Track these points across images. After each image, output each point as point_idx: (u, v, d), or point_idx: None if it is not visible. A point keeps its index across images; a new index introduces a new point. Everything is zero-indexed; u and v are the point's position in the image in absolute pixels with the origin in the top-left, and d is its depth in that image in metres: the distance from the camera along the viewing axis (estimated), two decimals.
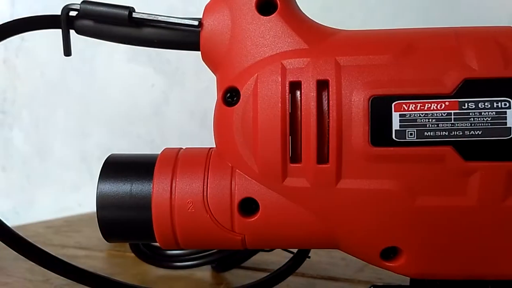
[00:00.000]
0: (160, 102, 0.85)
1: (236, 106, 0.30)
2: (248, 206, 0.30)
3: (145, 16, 0.32)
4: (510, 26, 0.30)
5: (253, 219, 0.30)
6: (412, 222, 0.29)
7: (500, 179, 0.27)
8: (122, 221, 0.31)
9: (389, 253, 0.30)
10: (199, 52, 0.32)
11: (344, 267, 0.47)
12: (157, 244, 0.32)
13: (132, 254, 0.46)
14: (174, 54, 0.81)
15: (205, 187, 0.30)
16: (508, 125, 0.27)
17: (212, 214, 0.30)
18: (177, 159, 0.32)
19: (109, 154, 0.33)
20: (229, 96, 0.30)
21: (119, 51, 0.86)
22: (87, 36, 0.35)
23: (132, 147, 0.86)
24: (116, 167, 0.32)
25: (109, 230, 0.32)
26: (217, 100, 0.31)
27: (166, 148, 0.33)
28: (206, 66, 0.33)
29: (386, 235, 0.29)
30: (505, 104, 0.27)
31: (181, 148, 0.33)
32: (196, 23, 0.32)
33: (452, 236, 0.29)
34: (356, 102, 0.28)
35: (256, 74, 0.29)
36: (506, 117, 0.27)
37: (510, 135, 0.27)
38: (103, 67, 0.89)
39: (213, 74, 0.33)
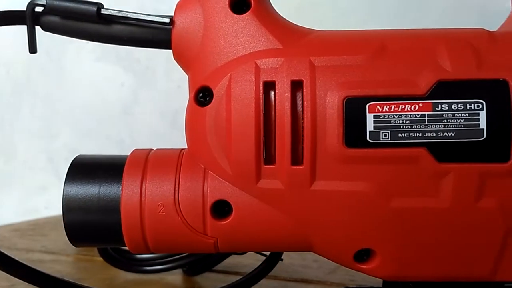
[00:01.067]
0: (130, 102, 0.84)
1: (208, 106, 0.29)
2: (221, 209, 0.29)
3: (114, 13, 0.32)
4: (482, 28, 0.30)
5: (226, 222, 0.29)
6: (386, 224, 0.29)
7: (473, 181, 0.27)
8: (89, 225, 0.30)
9: (363, 255, 0.30)
10: (170, 51, 0.32)
11: (317, 269, 0.47)
12: (126, 248, 0.31)
13: (100, 258, 0.45)
14: (144, 53, 0.80)
15: (176, 189, 0.29)
16: (481, 127, 0.27)
17: (184, 217, 0.29)
18: (147, 161, 0.31)
19: (77, 155, 0.32)
20: (202, 96, 0.30)
21: (87, 49, 0.84)
22: (54, 32, 0.33)
23: (100, 148, 0.84)
24: (83, 169, 0.31)
25: (76, 234, 0.31)
26: (189, 99, 0.30)
27: (135, 149, 0.32)
28: (177, 66, 0.32)
29: (360, 237, 0.29)
30: (478, 106, 0.27)
31: (152, 149, 0.32)
32: (167, 20, 0.31)
33: (425, 237, 0.29)
34: (331, 103, 0.27)
35: (229, 74, 0.29)
36: (479, 118, 0.27)
37: (483, 136, 0.27)
38: (71, 65, 0.87)
39: (185, 74, 0.32)
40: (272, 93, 0.28)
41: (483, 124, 0.27)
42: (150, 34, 0.32)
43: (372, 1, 0.69)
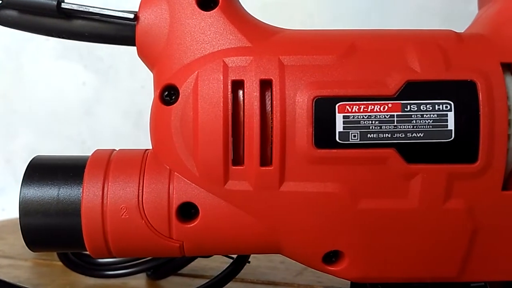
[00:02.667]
0: (92, 101, 0.82)
1: (174, 105, 0.28)
2: (187, 211, 0.29)
3: (75, 7, 0.30)
4: (450, 30, 0.30)
5: (192, 224, 0.29)
6: (355, 225, 0.28)
7: (441, 182, 0.28)
8: (48, 228, 0.29)
9: (331, 257, 0.29)
10: (135, 48, 0.31)
11: (284, 271, 0.47)
12: (87, 252, 0.30)
13: (60, 263, 0.44)
14: (107, 51, 0.79)
15: (140, 191, 0.28)
16: (449, 128, 0.27)
17: (148, 220, 0.28)
18: (109, 162, 0.30)
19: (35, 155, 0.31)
20: (167, 95, 0.29)
21: (48, 46, 0.81)
22: (12, 27, 0.32)
23: (61, 148, 0.81)
24: (41, 170, 0.30)
25: (34, 238, 0.29)
26: (154, 98, 0.30)
27: (97, 150, 0.31)
28: (142, 65, 0.31)
29: (329, 239, 0.29)
30: (446, 107, 0.27)
31: (114, 150, 0.31)
32: (131, 16, 0.30)
33: (393, 238, 0.29)
34: (300, 103, 0.27)
35: (196, 72, 0.28)
36: (447, 119, 0.27)
37: (451, 137, 0.27)
38: (30, 63, 0.84)
39: (150, 73, 0.31)
40: (241, 92, 0.28)
41: (451, 125, 0.27)
42: (113, 30, 0.31)
43: (337, 3, 0.69)
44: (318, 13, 0.70)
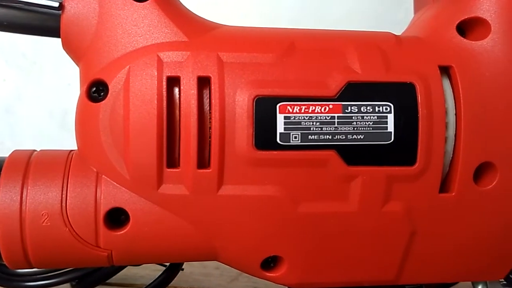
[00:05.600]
0: (12, 100, 0.77)
1: (103, 102, 0.27)
2: (116, 218, 0.27)
3: None
4: (389, 32, 0.30)
5: (122, 232, 0.27)
6: (294, 230, 0.28)
7: (380, 184, 0.28)
8: None
9: (270, 263, 0.29)
10: (60, 40, 0.29)
11: (218, 277, 0.46)
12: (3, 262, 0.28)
13: None
14: (30, 47, 0.75)
15: (64, 196, 0.27)
16: (388, 130, 0.27)
17: (73, 228, 0.27)
18: (29, 164, 0.28)
19: None
20: (95, 91, 0.27)
21: None
22: None
23: None
24: None
25: None
26: (80, 95, 0.28)
27: (15, 151, 0.29)
28: (69, 60, 0.30)
29: (268, 244, 0.28)
30: (386, 109, 0.27)
31: (35, 151, 0.29)
32: (56, 4, 0.28)
33: (333, 243, 0.28)
34: (240, 102, 0.26)
35: (127, 66, 0.27)
36: (387, 121, 0.27)
37: (391, 139, 0.27)
38: None
39: (78, 68, 0.29)
40: (176, 89, 0.27)
41: (391, 127, 0.27)
42: (36, 20, 0.29)
43: (270, 4, 0.69)
44: (256, 13, 0.70)
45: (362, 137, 0.27)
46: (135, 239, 0.27)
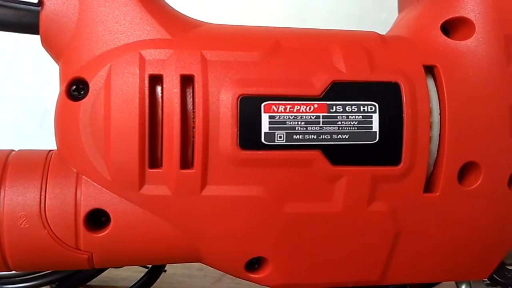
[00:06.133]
0: None
1: (83, 100, 0.26)
2: (97, 219, 0.27)
3: None
4: (374, 32, 0.30)
5: (102, 234, 0.27)
6: (279, 230, 0.28)
7: (365, 184, 0.27)
8: None
9: (254, 264, 0.29)
10: (39, 37, 0.28)
11: (202, 278, 0.46)
12: None
13: None
14: (9, 44, 0.73)
15: (42, 197, 0.26)
16: (373, 130, 0.27)
17: (52, 230, 0.26)
18: (6, 164, 0.27)
19: None
20: (75, 89, 0.27)
21: None
22: None
23: None
24: None
25: None
26: (59, 93, 0.27)
27: None
28: (49, 59, 0.29)
29: (252, 245, 0.28)
30: (371, 108, 0.27)
31: (13, 150, 0.29)
32: (35, 0, 0.28)
33: (317, 243, 0.28)
34: (224, 101, 0.26)
35: (109, 64, 0.26)
36: (372, 121, 0.27)
37: (376, 139, 0.27)
38: None
39: (57, 67, 0.29)
40: (159, 88, 0.26)
41: (375, 127, 0.27)
42: (15, 16, 0.28)
43: (253, 5, 0.69)
44: (235, 13, 0.69)
45: (347, 137, 0.27)
46: (116, 241, 0.27)
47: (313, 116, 0.26)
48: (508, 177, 0.28)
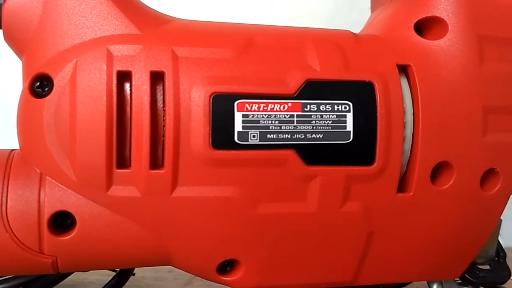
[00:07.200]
0: None
1: (47, 97, 0.26)
2: (62, 222, 0.26)
3: None
4: (348, 30, 0.30)
5: (68, 237, 0.26)
6: (252, 232, 0.27)
7: (339, 184, 0.27)
8: None
9: (226, 266, 0.28)
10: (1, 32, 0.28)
11: (172, 281, 0.45)
12: None
13: None
14: None
15: (3, 199, 0.25)
16: (347, 129, 0.27)
17: (14, 233, 0.25)
18: None
19: None
20: (39, 86, 0.26)
21: None
22: None
23: None
24: None
25: None
26: (22, 89, 0.26)
27: None
28: (12, 55, 0.28)
29: (225, 247, 0.28)
30: (345, 108, 0.27)
31: None
32: None
33: (291, 244, 0.28)
34: (196, 99, 0.25)
35: (74, 60, 0.25)
36: (346, 120, 0.27)
37: (350, 139, 0.27)
38: None
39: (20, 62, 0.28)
40: (128, 85, 0.26)
41: (349, 127, 0.27)
42: None
43: (226, 4, 0.68)
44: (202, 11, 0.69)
45: (321, 136, 0.26)
46: (82, 245, 0.26)
47: (287, 115, 0.26)
48: (480, 177, 0.29)
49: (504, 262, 0.33)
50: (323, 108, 0.26)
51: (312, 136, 0.26)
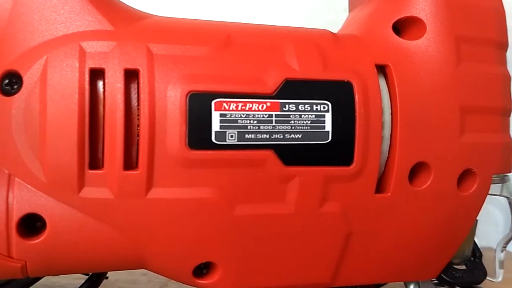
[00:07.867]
0: None
1: (16, 95, 0.25)
2: (31, 225, 0.25)
3: None
4: (326, 30, 0.30)
5: (37, 240, 0.25)
6: (229, 234, 0.27)
7: (317, 185, 0.27)
8: None
9: (202, 269, 0.28)
10: None
11: (146, 283, 0.44)
12: None
13: None
14: None
15: None
16: (326, 129, 0.27)
17: None
18: None
19: None
20: (7, 83, 0.25)
21: None
22: None
23: None
24: None
25: None
26: None
27: None
28: None
29: (201, 250, 0.27)
30: (324, 107, 0.26)
31: None
32: None
33: (269, 246, 0.28)
34: (172, 98, 0.25)
35: (45, 56, 0.25)
36: (324, 120, 0.27)
37: (328, 139, 0.27)
38: None
39: None
40: (101, 83, 0.25)
41: (328, 127, 0.27)
42: None
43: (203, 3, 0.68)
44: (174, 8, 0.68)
45: (299, 137, 0.26)
46: (53, 248, 0.25)
47: (265, 114, 0.26)
48: (457, 177, 0.29)
49: (480, 262, 0.33)
50: (302, 108, 0.26)
51: (291, 136, 0.26)
